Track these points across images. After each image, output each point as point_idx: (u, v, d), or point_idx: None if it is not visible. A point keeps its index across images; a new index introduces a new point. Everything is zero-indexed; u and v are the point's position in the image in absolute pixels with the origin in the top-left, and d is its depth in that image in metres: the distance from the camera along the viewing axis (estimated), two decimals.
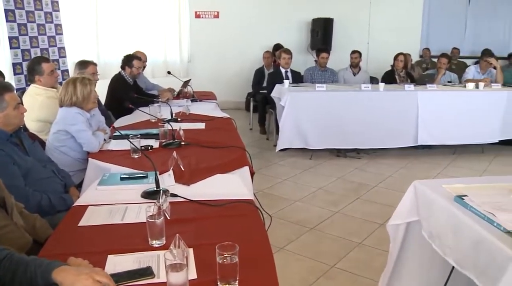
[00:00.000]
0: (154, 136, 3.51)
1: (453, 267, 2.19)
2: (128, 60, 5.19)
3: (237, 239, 1.66)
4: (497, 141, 6.58)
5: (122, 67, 5.20)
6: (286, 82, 6.23)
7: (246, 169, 3.02)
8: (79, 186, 3.02)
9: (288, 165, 5.84)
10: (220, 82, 8.96)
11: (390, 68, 7.39)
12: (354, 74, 7.36)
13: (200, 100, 5.47)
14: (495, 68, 7.21)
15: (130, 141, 2.92)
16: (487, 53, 7.53)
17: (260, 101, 7.29)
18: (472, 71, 7.39)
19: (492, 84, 6.80)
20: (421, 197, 2.41)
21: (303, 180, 5.32)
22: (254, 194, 3.04)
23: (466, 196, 2.18)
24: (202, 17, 9.18)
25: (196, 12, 9.11)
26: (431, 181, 2.52)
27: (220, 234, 1.92)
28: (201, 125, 4.09)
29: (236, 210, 2.20)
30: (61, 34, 6.69)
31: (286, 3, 9.33)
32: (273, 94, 6.31)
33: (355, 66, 7.39)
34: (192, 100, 5.34)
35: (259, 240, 1.91)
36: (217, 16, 9.22)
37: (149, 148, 3.22)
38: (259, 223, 2.12)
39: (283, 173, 5.52)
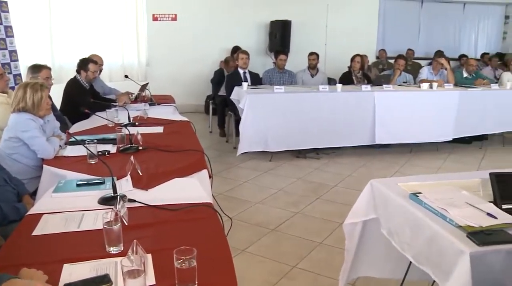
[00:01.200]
0: (112, 141, 3.45)
1: (411, 262, 2.25)
2: (83, 64, 5.08)
3: (196, 243, 1.66)
4: (451, 139, 6.80)
5: (78, 71, 5.08)
6: (245, 84, 6.23)
7: (204, 172, 3.01)
8: (33, 194, 2.94)
9: (248, 167, 5.85)
10: (179, 85, 8.89)
11: (347, 69, 7.52)
12: (312, 76, 7.44)
13: (159, 104, 5.41)
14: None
15: (86, 147, 2.86)
16: (438, 54, 7.76)
17: (219, 104, 7.28)
18: (425, 72, 7.60)
19: (445, 84, 7.01)
20: (378, 195, 2.46)
21: (263, 181, 5.34)
22: (213, 197, 3.03)
23: (420, 193, 2.25)
24: (160, 20, 9.09)
25: (153, 14, 9.01)
26: (387, 180, 2.57)
27: (179, 239, 1.90)
28: (159, 129, 4.05)
29: (194, 213, 2.18)
30: (12, 36, 6.48)
31: (244, 5, 9.35)
32: (232, 96, 6.30)
33: (313, 67, 7.47)
34: (150, 104, 5.28)
35: (218, 243, 1.91)
36: (175, 19, 9.15)
37: (106, 153, 3.16)
38: (218, 226, 2.12)
39: (243, 175, 5.53)
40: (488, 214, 2.05)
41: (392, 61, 8.43)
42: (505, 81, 7.82)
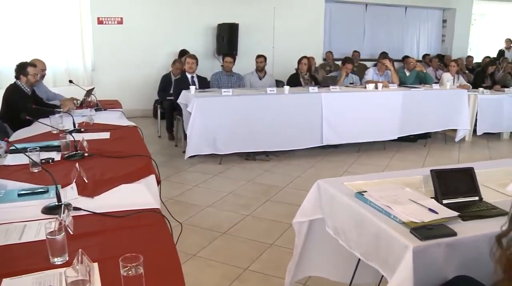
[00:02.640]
0: (56, 148, 3.34)
1: (358, 261, 2.31)
2: (21, 68, 4.89)
3: (143, 249, 1.63)
4: (397, 138, 7.02)
5: (17, 77, 4.90)
6: (192, 88, 6.20)
7: (152, 178, 2.97)
8: None
9: (197, 171, 5.82)
10: (126, 90, 8.75)
11: (294, 71, 7.61)
12: (260, 78, 7.48)
13: (105, 109, 5.30)
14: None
15: (27, 155, 2.76)
16: (383, 56, 7.99)
17: (167, 108, 7.21)
18: (371, 73, 7.80)
19: (389, 85, 7.23)
20: (324, 195, 2.51)
21: (213, 185, 5.33)
22: (162, 202, 3.00)
23: (365, 191, 2.30)
24: (105, 23, 8.90)
25: (98, 18, 8.81)
26: (333, 179, 2.62)
27: (126, 246, 1.87)
28: (105, 135, 3.96)
29: (142, 220, 2.15)
30: None
31: (191, 8, 9.31)
32: (180, 100, 6.26)
33: (260, 70, 7.51)
34: (96, 110, 5.16)
35: (166, 249, 1.88)
36: (120, 22, 8.98)
37: (50, 161, 3.06)
38: (165, 231, 2.09)
39: (193, 179, 5.49)
40: (430, 210, 2.13)
41: (338, 63, 8.61)
42: (445, 81, 8.15)
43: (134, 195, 2.51)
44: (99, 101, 5.53)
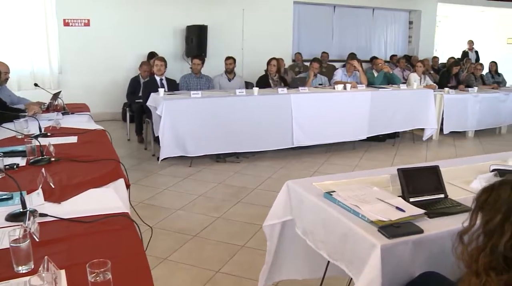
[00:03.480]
0: (21, 153, 3.26)
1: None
2: None
3: (112, 255, 1.61)
4: (366, 138, 7.11)
5: None
6: (161, 90, 6.16)
7: (121, 182, 2.94)
8: None
9: (168, 174, 5.78)
10: (95, 93, 8.63)
11: (264, 73, 7.63)
12: (229, 80, 7.48)
13: (72, 113, 5.19)
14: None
15: None
16: (351, 57, 8.09)
17: (137, 111, 7.14)
18: (339, 73, 7.89)
19: (358, 85, 7.32)
20: (293, 196, 2.52)
21: (184, 188, 5.30)
22: (132, 206, 2.97)
23: (334, 191, 2.32)
24: (72, 25, 8.74)
25: (64, 20, 8.65)
26: (302, 180, 2.64)
27: (94, 252, 1.84)
28: (73, 139, 3.89)
29: (110, 224, 2.12)
30: None
31: (159, 10, 9.24)
32: (149, 103, 6.21)
33: (230, 72, 7.51)
34: (63, 114, 5.06)
35: (135, 254, 1.86)
36: (87, 24, 8.85)
37: (15, 166, 3.00)
38: (134, 236, 2.07)
39: (163, 182, 5.45)
40: (397, 208, 2.16)
41: (308, 64, 8.66)
42: (412, 81, 8.30)
43: (102, 200, 2.48)
44: (66, 105, 5.43)
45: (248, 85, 7.67)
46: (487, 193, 1.49)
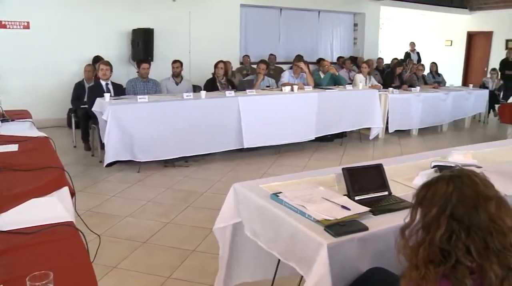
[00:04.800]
0: None
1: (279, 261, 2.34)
2: None
3: (55, 266, 1.56)
4: (314, 138, 7.21)
5: None
6: (107, 95, 6.03)
7: (65, 190, 2.85)
8: None
9: (116, 180, 5.66)
10: (37, 98, 8.32)
11: (211, 76, 7.61)
12: (177, 84, 7.42)
13: (12, 120, 5.01)
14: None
15: None
16: (298, 58, 8.19)
17: (82, 117, 6.95)
18: (287, 75, 7.97)
19: (305, 87, 7.41)
20: (241, 198, 2.53)
21: (132, 194, 5.20)
22: (78, 214, 2.89)
23: (281, 192, 2.34)
24: (10, 28, 8.39)
25: (1, 22, 8.31)
26: (249, 182, 2.65)
27: (36, 264, 1.77)
28: (13, 148, 3.75)
29: (53, 235, 2.05)
30: None
31: (103, 13, 9.04)
32: (94, 108, 6.06)
33: (177, 75, 7.45)
34: (2, 121, 4.87)
35: (80, 264, 1.82)
36: (27, 27, 8.52)
37: None
38: (79, 245, 2.02)
39: (111, 189, 5.33)
40: (343, 207, 2.21)
41: (255, 66, 8.70)
42: (358, 82, 8.49)
43: (45, 209, 2.40)
44: (6, 112, 5.22)
45: (196, 88, 7.63)
46: (425, 188, 1.54)
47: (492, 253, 1.39)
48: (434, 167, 2.99)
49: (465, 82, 13.63)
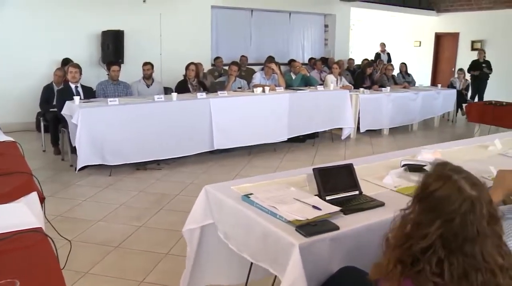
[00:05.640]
0: None
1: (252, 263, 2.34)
2: None
3: (22, 274, 1.53)
4: (286, 139, 7.24)
5: None
6: (76, 98, 5.94)
7: (34, 195, 2.80)
8: None
9: (86, 185, 5.58)
10: (3, 102, 8.15)
11: (183, 78, 7.57)
12: (148, 86, 7.36)
13: None
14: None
15: None
16: (269, 60, 8.22)
17: (51, 121, 6.83)
18: (258, 77, 7.98)
19: (276, 88, 7.44)
20: (212, 200, 2.52)
21: (104, 198, 5.14)
22: (48, 220, 2.85)
23: (252, 194, 2.35)
24: None
25: None
26: (220, 184, 2.64)
27: (1, 272, 1.73)
28: None
29: (21, 241, 2.01)
30: None
31: (72, 15, 8.88)
32: (64, 112, 5.96)
33: (148, 77, 7.39)
34: None
35: (49, 270, 1.78)
36: None
37: None
38: (49, 251, 1.98)
39: (82, 194, 5.25)
40: (314, 207, 2.22)
41: (227, 67, 8.70)
42: (329, 83, 8.56)
43: (12, 216, 2.35)
44: None
45: (167, 90, 7.58)
46: (439, 185, 1.44)
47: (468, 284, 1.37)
48: (404, 165, 3.04)
49: (433, 82, 13.88)
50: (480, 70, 11.67)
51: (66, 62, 8.15)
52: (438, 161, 1.58)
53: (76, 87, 6.61)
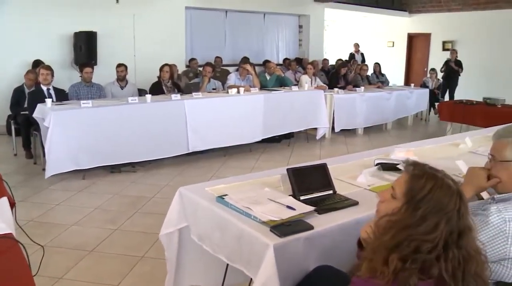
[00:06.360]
0: None
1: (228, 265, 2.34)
2: None
3: None
4: (261, 139, 7.26)
5: None
6: (48, 101, 5.85)
7: (3, 200, 2.74)
8: None
9: (60, 188, 5.48)
10: None
11: (157, 79, 7.52)
12: (122, 88, 7.29)
13: None
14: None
15: None
16: (244, 61, 8.22)
17: (23, 124, 6.70)
18: (233, 77, 7.98)
19: (251, 88, 7.45)
20: (187, 202, 2.51)
21: (78, 201, 5.06)
22: (20, 226, 2.79)
23: (226, 195, 2.34)
24: None
25: None
26: (195, 186, 2.63)
27: None
28: None
29: None
30: None
31: (43, 16, 8.71)
32: (36, 114, 5.84)
33: (121, 79, 7.32)
34: None
35: (20, 277, 1.75)
36: None
37: None
38: (19, 257, 1.94)
39: (55, 198, 5.16)
40: (288, 207, 2.23)
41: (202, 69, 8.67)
42: (303, 83, 8.60)
43: None
44: None
45: (141, 92, 7.52)
46: (429, 186, 1.47)
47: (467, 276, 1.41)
48: (378, 164, 3.08)
49: (407, 82, 14.06)
50: (450, 68, 11.91)
51: (37, 64, 8.00)
52: (411, 161, 1.61)
53: (48, 89, 6.51)
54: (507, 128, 1.91)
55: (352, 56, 14.20)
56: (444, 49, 14.17)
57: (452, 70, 11.94)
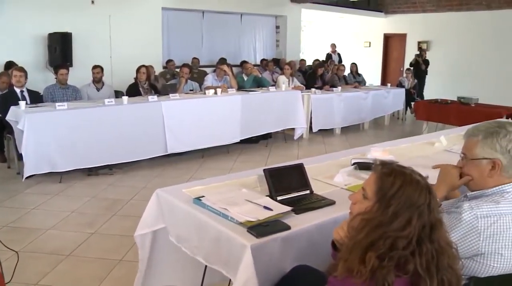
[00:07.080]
0: None
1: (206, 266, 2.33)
2: None
3: None
4: (239, 140, 7.26)
5: None
6: (22, 103, 5.75)
7: None
8: None
9: (35, 192, 5.40)
10: None
11: (134, 81, 7.47)
12: (98, 90, 7.22)
13: None
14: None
15: None
16: (221, 61, 8.22)
17: None
18: (210, 78, 7.97)
19: (228, 89, 7.44)
20: (164, 204, 2.50)
21: (54, 205, 5.00)
22: None
23: (203, 196, 2.34)
24: None
25: None
26: (172, 188, 2.62)
27: None
28: None
29: None
30: None
31: (16, 16, 8.54)
32: (9, 117, 5.74)
33: (98, 81, 7.25)
34: None
35: None
36: None
37: None
38: None
39: (30, 202, 5.08)
40: (265, 207, 2.23)
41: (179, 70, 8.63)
42: (281, 83, 8.63)
43: None
44: None
45: (118, 94, 7.44)
46: (398, 183, 1.50)
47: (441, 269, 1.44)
48: (354, 164, 3.10)
49: (383, 82, 14.24)
50: (419, 65, 12.12)
51: (10, 65, 7.86)
52: (379, 161, 1.64)
53: (22, 91, 6.40)
54: (477, 127, 1.93)
55: (329, 56, 14.30)
56: (419, 49, 14.37)
57: (420, 69, 12.13)
